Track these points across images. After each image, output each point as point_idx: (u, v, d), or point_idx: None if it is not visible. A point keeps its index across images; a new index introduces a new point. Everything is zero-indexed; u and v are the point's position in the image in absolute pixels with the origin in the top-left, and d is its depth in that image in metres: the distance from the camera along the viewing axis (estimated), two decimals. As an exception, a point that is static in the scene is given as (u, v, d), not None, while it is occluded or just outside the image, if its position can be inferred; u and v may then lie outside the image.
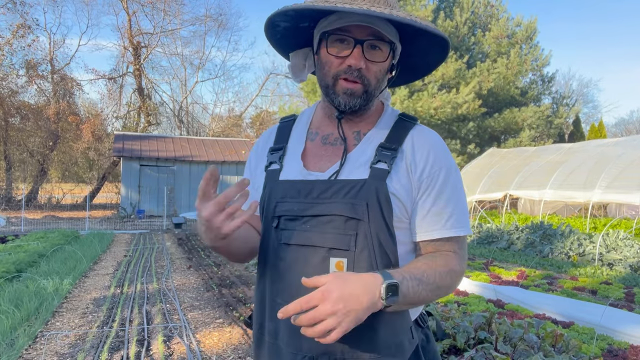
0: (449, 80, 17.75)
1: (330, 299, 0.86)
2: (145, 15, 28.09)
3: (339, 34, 1.04)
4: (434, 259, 1.04)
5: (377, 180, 1.02)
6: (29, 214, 17.91)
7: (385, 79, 1.11)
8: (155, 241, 11.05)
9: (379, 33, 1.04)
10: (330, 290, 0.87)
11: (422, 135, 1.10)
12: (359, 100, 1.06)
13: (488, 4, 20.27)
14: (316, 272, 1.00)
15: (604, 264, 7.67)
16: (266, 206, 1.11)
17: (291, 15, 1.07)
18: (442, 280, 1.01)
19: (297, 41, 1.18)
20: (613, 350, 3.51)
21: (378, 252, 1.00)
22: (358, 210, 1.00)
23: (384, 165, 1.04)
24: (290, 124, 1.22)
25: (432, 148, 1.08)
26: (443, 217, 1.06)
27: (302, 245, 1.04)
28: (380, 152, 1.05)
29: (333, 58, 1.06)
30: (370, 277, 0.91)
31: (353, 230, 1.01)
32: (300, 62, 1.21)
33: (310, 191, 1.05)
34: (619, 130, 40.81)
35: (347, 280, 0.89)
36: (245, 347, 3.87)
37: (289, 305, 0.89)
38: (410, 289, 0.94)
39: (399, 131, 1.10)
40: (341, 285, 0.88)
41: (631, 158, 11.34)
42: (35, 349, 3.78)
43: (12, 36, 21.48)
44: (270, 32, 1.14)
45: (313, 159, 1.12)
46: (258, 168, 1.21)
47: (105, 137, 25.90)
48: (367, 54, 1.04)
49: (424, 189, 1.05)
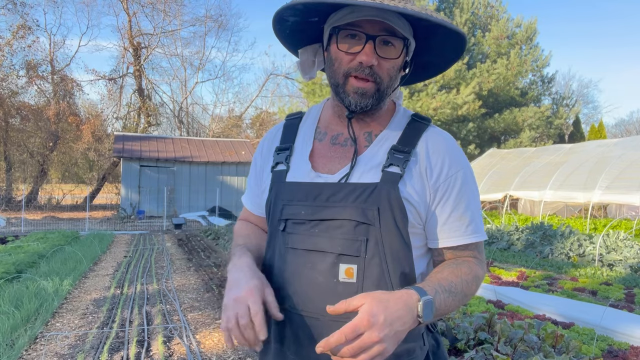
0: (449, 81, 17.76)
1: (377, 324, 0.81)
2: (146, 16, 28.18)
3: (350, 29, 0.99)
4: (458, 266, 1.00)
5: (389, 184, 0.98)
6: (29, 215, 17.90)
7: (398, 76, 1.06)
8: (155, 242, 11.04)
9: (392, 28, 0.98)
10: (376, 315, 0.81)
11: (437, 138, 1.05)
12: (371, 100, 1.01)
13: (488, 5, 20.28)
14: (325, 278, 0.98)
15: (604, 264, 7.67)
16: (272, 208, 1.07)
17: (300, 10, 1.01)
18: (468, 288, 0.98)
19: (307, 37, 1.13)
20: (613, 351, 3.51)
21: (389, 259, 0.97)
22: (369, 215, 0.96)
23: (396, 169, 0.99)
24: (297, 122, 1.17)
25: (448, 151, 1.04)
26: (464, 223, 1.02)
27: (309, 250, 1.00)
28: (393, 155, 1.01)
29: (343, 54, 1.00)
30: (407, 295, 0.87)
31: (363, 235, 0.97)
32: (310, 59, 1.16)
33: (319, 194, 1.01)
34: (619, 130, 40.84)
35: (388, 301, 0.84)
36: (245, 348, 3.86)
37: (330, 338, 0.80)
38: (442, 302, 0.91)
39: (412, 133, 1.05)
40: (384, 308, 0.82)
41: (631, 159, 11.34)
42: (35, 350, 3.78)
43: (13, 37, 21.49)
44: (278, 27, 1.08)
45: (322, 160, 1.07)
46: (264, 169, 1.16)
47: (105, 137, 25.90)
48: (379, 50, 0.98)
49: (441, 194, 1.01)
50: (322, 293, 0.98)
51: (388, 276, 0.96)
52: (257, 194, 1.19)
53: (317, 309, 0.98)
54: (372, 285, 0.96)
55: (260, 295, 0.95)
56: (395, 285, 0.97)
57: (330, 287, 0.98)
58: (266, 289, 0.97)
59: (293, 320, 1.01)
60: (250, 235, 1.20)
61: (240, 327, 0.92)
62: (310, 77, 1.18)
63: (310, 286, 0.99)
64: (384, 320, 0.81)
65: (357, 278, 0.97)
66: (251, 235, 1.20)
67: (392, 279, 0.97)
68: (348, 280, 0.97)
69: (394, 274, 0.97)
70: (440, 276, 0.97)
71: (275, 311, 0.95)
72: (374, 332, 0.80)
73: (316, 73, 1.17)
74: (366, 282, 0.97)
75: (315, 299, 0.98)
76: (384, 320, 0.81)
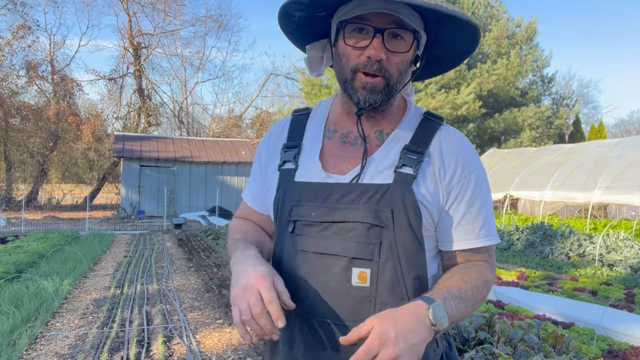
0: (449, 81, 17.76)
1: (389, 340, 0.79)
2: (146, 16, 28.16)
3: (357, 22, 0.95)
4: (467, 272, 0.98)
5: (402, 185, 0.95)
6: (29, 215, 17.90)
7: (408, 71, 1.01)
8: (155, 242, 11.04)
9: (401, 21, 0.94)
10: (386, 331, 0.79)
11: (450, 137, 1.02)
12: (380, 96, 0.97)
13: (488, 5, 20.29)
14: (337, 282, 0.95)
15: (604, 264, 7.67)
16: (280, 209, 1.03)
17: (306, 4, 0.98)
18: (479, 294, 0.96)
19: (314, 32, 1.08)
20: (613, 351, 3.51)
21: (404, 262, 0.94)
22: (382, 218, 0.93)
23: (409, 170, 0.96)
24: (305, 118, 1.12)
25: (462, 151, 1.01)
26: (477, 226, 1.00)
27: (321, 253, 0.97)
28: (406, 155, 0.98)
29: (351, 49, 0.97)
30: (414, 307, 0.85)
31: (377, 238, 0.94)
32: (318, 55, 1.11)
33: (330, 195, 0.97)
34: (619, 130, 40.85)
35: (395, 316, 0.82)
36: (245, 347, 3.87)
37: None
38: (453, 309, 0.89)
39: (425, 132, 1.02)
40: (394, 323, 0.81)
41: (631, 158, 11.34)
42: (35, 350, 3.78)
43: (13, 37, 21.49)
44: (284, 22, 1.04)
45: (332, 160, 1.03)
46: (269, 166, 1.12)
47: (105, 137, 25.90)
48: (388, 43, 0.94)
49: (454, 195, 0.99)
50: (334, 297, 0.96)
51: (402, 280, 0.94)
52: (262, 190, 1.15)
53: (329, 313, 0.96)
54: (385, 290, 0.94)
55: (271, 281, 0.90)
56: (409, 289, 0.95)
57: (342, 291, 0.95)
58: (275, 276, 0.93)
59: (303, 324, 0.99)
60: (249, 231, 1.16)
61: (255, 317, 0.87)
62: (319, 74, 1.13)
63: (321, 290, 0.97)
64: (396, 335, 0.79)
65: (371, 282, 0.94)
66: (250, 231, 1.15)
67: (406, 283, 0.94)
68: (361, 285, 0.94)
69: (408, 278, 0.94)
70: (448, 283, 0.94)
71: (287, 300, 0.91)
72: (389, 349, 0.78)
73: (324, 70, 1.13)
74: (380, 286, 0.94)
75: (327, 304, 0.96)
76: (395, 336, 0.79)
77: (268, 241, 1.16)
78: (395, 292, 0.94)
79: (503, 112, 19.03)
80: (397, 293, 0.94)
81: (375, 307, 0.94)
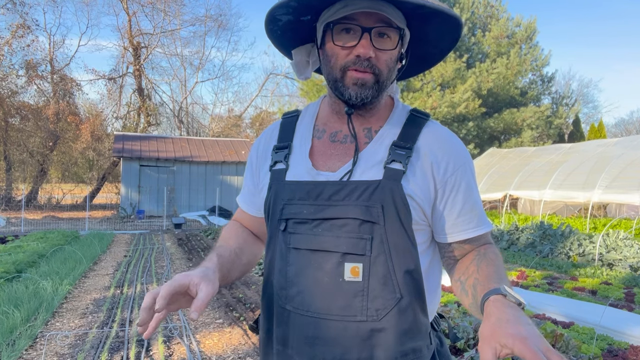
0: (448, 80, 17.76)
1: (531, 338, 0.74)
2: (145, 15, 28.09)
3: (345, 22, 0.97)
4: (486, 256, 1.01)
5: (391, 181, 0.97)
6: (28, 215, 17.89)
7: (395, 68, 1.04)
8: (155, 241, 11.04)
9: (387, 19, 0.97)
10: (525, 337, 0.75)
11: (437, 133, 1.05)
12: (371, 91, 0.99)
13: (488, 4, 20.28)
14: (330, 278, 0.97)
15: (604, 264, 7.67)
16: (272, 208, 1.05)
17: (293, 7, 1.00)
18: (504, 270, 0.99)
19: (299, 37, 1.11)
20: (613, 351, 3.51)
21: (394, 257, 0.96)
22: (373, 213, 0.95)
23: (398, 166, 0.98)
24: (294, 120, 1.15)
25: (452, 145, 1.04)
26: (475, 215, 1.04)
27: (313, 250, 0.99)
28: (394, 151, 1.00)
29: (339, 49, 0.99)
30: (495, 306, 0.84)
31: (368, 234, 0.96)
32: (304, 59, 1.15)
33: (321, 193, 0.99)
34: (618, 130, 40.82)
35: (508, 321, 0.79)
36: (245, 347, 3.87)
37: None
38: (509, 286, 0.91)
39: (412, 128, 1.04)
40: (515, 325, 0.77)
41: (631, 158, 11.35)
42: (35, 350, 3.78)
43: (12, 36, 21.47)
44: (270, 26, 1.06)
45: (322, 158, 1.05)
46: (261, 168, 1.14)
47: (105, 137, 25.87)
48: (376, 42, 0.97)
49: (450, 187, 1.01)
50: (328, 293, 0.97)
51: (393, 274, 0.96)
52: (254, 192, 1.18)
53: (322, 309, 0.97)
54: (377, 284, 0.96)
55: (174, 286, 0.92)
56: (400, 282, 0.96)
57: (335, 286, 0.97)
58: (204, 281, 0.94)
59: (296, 321, 1.00)
60: (232, 237, 1.18)
61: (141, 309, 0.92)
62: (306, 77, 1.17)
63: (315, 286, 0.98)
64: (527, 332, 0.76)
65: (363, 277, 0.96)
66: (232, 238, 1.18)
67: (397, 277, 0.96)
68: (354, 280, 0.96)
69: (399, 272, 0.96)
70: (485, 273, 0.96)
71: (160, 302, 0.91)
72: (543, 343, 0.74)
73: (311, 73, 1.16)
74: (372, 280, 0.96)
75: (320, 299, 0.98)
76: (528, 333, 0.75)
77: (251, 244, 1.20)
78: (386, 286, 0.96)
79: (503, 111, 19.02)
80: (389, 287, 0.96)
81: (368, 301, 0.96)
